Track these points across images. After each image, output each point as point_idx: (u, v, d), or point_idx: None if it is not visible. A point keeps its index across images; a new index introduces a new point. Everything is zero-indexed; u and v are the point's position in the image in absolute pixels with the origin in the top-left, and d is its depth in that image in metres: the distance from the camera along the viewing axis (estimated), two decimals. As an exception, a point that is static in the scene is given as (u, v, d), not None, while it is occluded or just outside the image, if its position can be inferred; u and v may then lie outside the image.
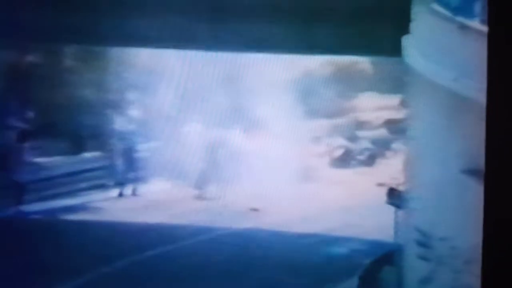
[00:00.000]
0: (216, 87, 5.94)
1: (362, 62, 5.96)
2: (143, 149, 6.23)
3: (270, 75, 5.97)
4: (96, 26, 5.63)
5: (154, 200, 6.04)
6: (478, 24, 4.65)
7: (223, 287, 5.27)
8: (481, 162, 4.49)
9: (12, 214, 5.99)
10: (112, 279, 5.27)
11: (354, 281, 5.26)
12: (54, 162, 6.27)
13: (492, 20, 3.49)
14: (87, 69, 6.23)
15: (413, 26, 5.17)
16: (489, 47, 3.48)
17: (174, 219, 5.80)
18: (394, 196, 5.23)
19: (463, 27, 4.72)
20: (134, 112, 6.20)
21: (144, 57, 6.04)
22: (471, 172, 4.54)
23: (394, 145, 5.83)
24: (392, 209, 5.25)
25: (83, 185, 6.24)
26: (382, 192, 5.36)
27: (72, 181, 6.27)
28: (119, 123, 6.19)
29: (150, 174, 6.20)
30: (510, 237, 3.48)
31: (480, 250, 3.57)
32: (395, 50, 5.27)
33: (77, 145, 6.38)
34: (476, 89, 4.50)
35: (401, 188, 5.21)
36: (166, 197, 6.02)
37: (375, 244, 5.41)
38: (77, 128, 6.23)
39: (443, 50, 4.87)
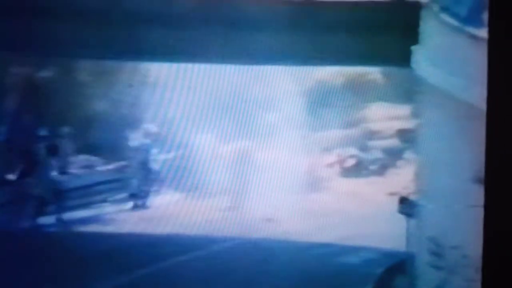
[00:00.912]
0: (228, 100, 5.98)
1: (373, 73, 5.97)
2: (158, 161, 6.27)
3: (282, 86, 6.00)
4: (110, 40, 5.70)
5: (169, 211, 6.07)
6: (486, 34, 4.68)
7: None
8: (490, 170, 4.51)
9: (29, 226, 6.04)
10: None
11: None
12: (71, 175, 6.33)
13: (493, 27, 3.52)
14: (102, 83, 6.29)
15: (422, 36, 5.21)
16: (490, 54, 3.51)
17: (187, 230, 5.83)
18: (406, 205, 5.23)
19: (472, 37, 4.75)
20: (148, 125, 6.25)
21: (157, 70, 6.10)
22: (481, 180, 4.54)
23: (405, 155, 5.83)
24: (403, 218, 5.25)
25: (98, 197, 6.28)
26: (394, 202, 5.36)
27: (87, 194, 6.31)
28: (134, 137, 6.24)
29: (164, 186, 6.24)
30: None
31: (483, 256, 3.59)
32: (405, 60, 5.30)
33: (94, 158, 6.44)
34: (486, 97, 4.53)
35: (412, 197, 5.22)
36: (180, 209, 6.05)
37: (387, 253, 5.40)
38: (93, 141, 6.29)
39: (452, 60, 4.90)
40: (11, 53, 6.00)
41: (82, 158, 6.37)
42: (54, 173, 6.22)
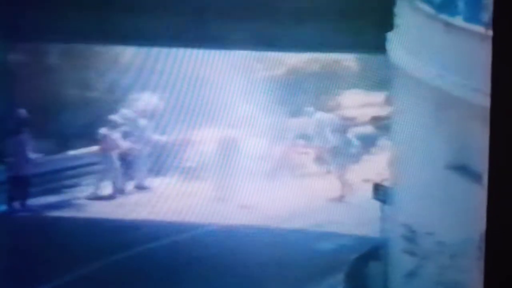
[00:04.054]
0: (201, 85, 5.94)
1: (347, 60, 5.98)
2: (133, 148, 6.22)
3: (255, 72, 5.98)
4: (80, 24, 5.63)
5: (144, 198, 6.04)
6: (461, 21, 4.71)
7: (210, 282, 5.29)
8: (465, 157, 4.57)
9: (3, 210, 5.95)
10: (96, 277, 5.32)
11: (340, 276, 5.30)
12: (48, 159, 6.26)
13: (497, 24, 3.53)
14: (74, 67, 6.21)
15: (397, 23, 5.22)
16: (494, 50, 3.53)
17: (163, 216, 5.81)
18: (380, 192, 5.28)
19: (447, 24, 4.78)
20: (124, 110, 6.20)
21: (131, 55, 6.04)
22: (455, 167, 4.60)
23: (380, 142, 5.87)
24: (378, 204, 5.30)
25: (68, 183, 6.23)
26: (368, 188, 5.40)
27: (55, 179, 6.25)
28: (109, 122, 6.18)
29: (139, 172, 6.20)
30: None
31: (468, 246, 3.63)
32: (379, 47, 5.32)
33: (67, 143, 6.37)
34: (460, 85, 4.57)
35: (386, 183, 5.26)
36: (157, 194, 6.02)
37: (361, 240, 5.44)
38: (72, 125, 6.22)
39: (427, 47, 4.93)
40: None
41: (51, 143, 6.28)
42: (20, 158, 6.14)
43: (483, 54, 3.69)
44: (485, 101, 3.66)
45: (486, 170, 3.56)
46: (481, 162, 4.00)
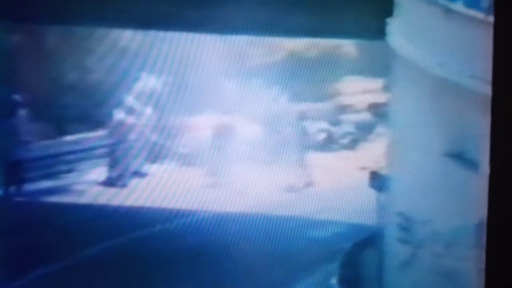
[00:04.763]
0: (198, 70, 5.93)
1: (346, 45, 5.97)
2: (134, 132, 6.23)
3: (253, 58, 5.97)
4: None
5: (142, 183, 6.05)
6: (461, 7, 4.67)
7: (205, 268, 5.30)
8: (462, 145, 4.54)
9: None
10: (90, 264, 5.36)
11: (335, 264, 5.31)
12: (45, 143, 6.27)
13: (498, 9, 3.50)
14: (74, 50, 6.21)
15: (397, 9, 5.19)
16: (495, 37, 3.50)
17: (159, 202, 5.82)
18: (376, 180, 5.27)
19: (447, 11, 4.73)
20: (125, 96, 6.19)
21: (129, 38, 6.02)
22: (452, 155, 4.58)
23: (377, 129, 5.88)
24: (374, 192, 5.29)
25: (65, 167, 6.24)
26: (365, 176, 5.39)
27: (52, 164, 6.26)
28: (110, 107, 6.17)
29: (139, 157, 6.21)
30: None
31: (463, 234, 3.61)
32: (379, 33, 5.28)
33: (65, 127, 6.39)
34: (459, 73, 4.53)
35: (383, 171, 5.26)
36: (153, 181, 6.02)
37: (357, 228, 5.44)
38: (70, 109, 6.23)
39: (427, 34, 4.89)
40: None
41: (49, 128, 6.29)
42: (16, 142, 6.14)
43: (484, 41, 3.66)
44: (485, 89, 3.64)
45: (484, 159, 3.54)
46: (479, 150, 3.98)
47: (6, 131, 6.12)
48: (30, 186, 6.01)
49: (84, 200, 5.90)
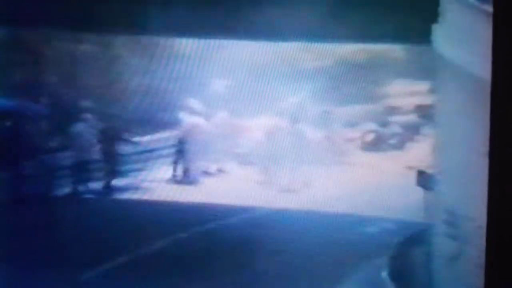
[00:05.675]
0: (250, 76, 6.09)
1: (393, 50, 6.03)
2: (192, 135, 6.42)
3: (304, 63, 6.09)
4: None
5: (199, 181, 6.25)
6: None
7: (257, 264, 5.50)
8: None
9: (65, 194, 6.28)
10: (152, 258, 5.57)
11: (384, 259, 5.41)
12: (113, 144, 6.50)
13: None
14: (140, 57, 6.42)
15: (442, 14, 5.29)
16: (494, 28, 3.58)
17: (218, 199, 6.01)
18: (423, 178, 5.35)
19: (489, 15, 4.82)
20: (190, 99, 6.37)
21: (190, 47, 6.21)
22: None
23: (423, 130, 5.91)
24: (421, 190, 5.38)
25: (135, 166, 6.46)
26: (412, 175, 5.49)
27: (124, 163, 6.50)
28: (173, 111, 6.40)
29: (197, 157, 6.42)
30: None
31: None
32: (425, 38, 5.40)
33: (131, 129, 6.60)
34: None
35: (429, 170, 5.33)
36: (208, 180, 6.23)
37: (405, 224, 5.55)
38: (137, 112, 6.45)
39: (470, 38, 4.98)
40: (51, 29, 6.18)
41: (116, 129, 6.52)
42: (91, 144, 6.40)
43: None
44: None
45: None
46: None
47: (75, 133, 6.43)
48: (99, 184, 6.31)
49: (152, 197, 6.13)
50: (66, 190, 6.27)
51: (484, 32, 4.87)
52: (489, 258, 3.71)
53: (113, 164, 6.52)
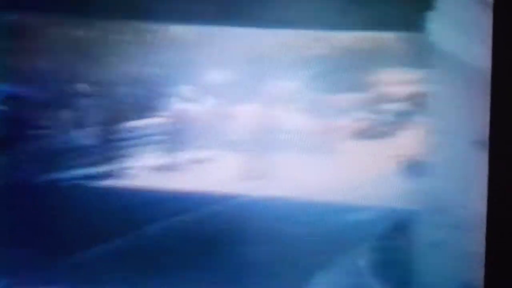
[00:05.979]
0: (243, 63, 6.05)
1: (387, 38, 6.02)
2: (184, 121, 6.38)
3: (294, 50, 6.06)
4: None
5: (188, 168, 6.20)
6: (499, 1, 4.74)
7: (239, 254, 5.47)
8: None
9: (54, 179, 6.10)
10: (136, 246, 5.53)
11: (369, 247, 5.38)
12: (102, 129, 6.44)
13: None
14: (134, 44, 6.38)
15: (437, 2, 5.28)
16: (495, 17, 3.57)
17: (201, 187, 5.94)
18: (414, 167, 5.34)
19: (486, 3, 4.81)
20: (181, 86, 6.34)
21: (185, 33, 6.17)
22: (479, 143, 4.66)
23: (415, 118, 5.90)
24: (411, 179, 5.36)
25: (120, 153, 6.40)
26: (401, 162, 5.47)
27: (108, 149, 6.42)
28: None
29: (186, 144, 6.37)
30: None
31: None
32: (419, 26, 5.38)
33: (122, 115, 6.55)
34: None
35: (420, 158, 5.32)
36: (198, 166, 6.19)
37: (392, 211, 5.50)
38: (129, 98, 6.39)
39: (466, 27, 4.98)
40: (44, 15, 6.14)
41: (106, 115, 6.46)
42: (78, 129, 6.37)
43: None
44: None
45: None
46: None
47: (62, 119, 6.38)
48: (86, 171, 6.17)
49: (139, 183, 6.02)
50: (52, 176, 6.19)
51: (483, 19, 4.86)
52: (489, 248, 3.68)
53: (101, 150, 6.46)
